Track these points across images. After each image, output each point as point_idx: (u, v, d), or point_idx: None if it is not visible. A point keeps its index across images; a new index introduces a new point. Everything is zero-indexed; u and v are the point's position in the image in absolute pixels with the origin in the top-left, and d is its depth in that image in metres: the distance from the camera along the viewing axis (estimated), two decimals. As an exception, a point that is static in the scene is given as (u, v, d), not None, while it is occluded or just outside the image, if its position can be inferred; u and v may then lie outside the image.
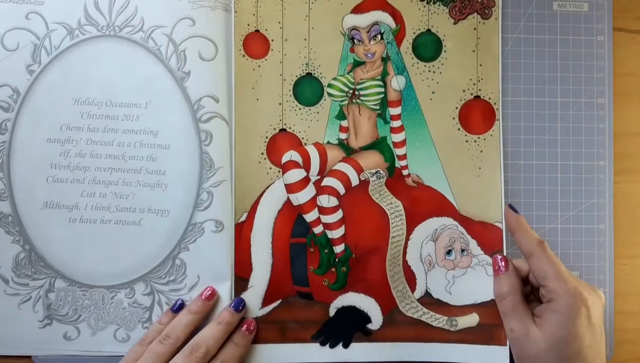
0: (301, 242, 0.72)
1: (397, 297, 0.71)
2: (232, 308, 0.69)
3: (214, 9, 0.71)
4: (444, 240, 0.72)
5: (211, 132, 0.71)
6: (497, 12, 0.73)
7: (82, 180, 0.71)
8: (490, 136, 0.72)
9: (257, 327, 0.70)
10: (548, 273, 0.64)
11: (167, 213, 0.71)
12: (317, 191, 0.72)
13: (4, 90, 0.71)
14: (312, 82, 0.72)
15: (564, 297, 0.63)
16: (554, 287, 0.63)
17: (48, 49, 0.71)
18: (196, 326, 0.68)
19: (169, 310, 0.70)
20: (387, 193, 0.72)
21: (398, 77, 0.73)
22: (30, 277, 0.71)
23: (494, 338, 0.71)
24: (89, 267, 0.71)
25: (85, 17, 0.71)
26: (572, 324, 0.62)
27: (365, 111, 0.73)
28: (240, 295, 0.70)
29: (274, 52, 0.72)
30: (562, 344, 0.62)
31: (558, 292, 0.63)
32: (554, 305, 0.63)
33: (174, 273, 0.71)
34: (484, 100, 0.73)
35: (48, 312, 0.71)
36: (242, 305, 0.70)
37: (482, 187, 0.72)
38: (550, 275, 0.64)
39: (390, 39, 0.73)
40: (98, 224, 0.71)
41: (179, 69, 0.71)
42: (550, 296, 0.64)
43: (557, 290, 0.63)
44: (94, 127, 0.71)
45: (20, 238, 0.71)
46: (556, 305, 0.63)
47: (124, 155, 0.71)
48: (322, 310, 0.72)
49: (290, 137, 0.72)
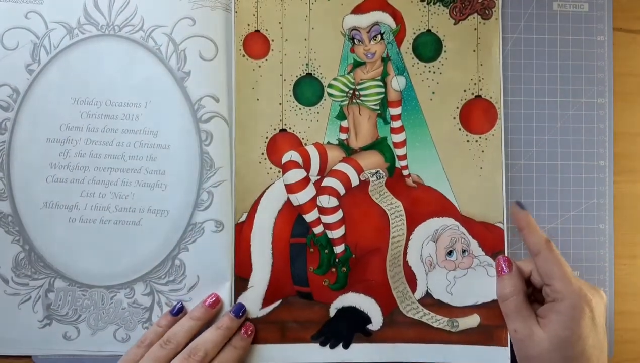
0: (301, 242, 0.72)
1: (397, 297, 0.71)
2: (232, 313, 0.69)
3: (214, 9, 0.71)
4: (444, 241, 0.72)
5: (211, 132, 0.71)
6: (497, 12, 0.73)
7: (82, 180, 0.71)
8: (492, 136, 0.72)
9: (255, 330, 0.70)
10: (555, 274, 0.64)
11: (166, 213, 0.71)
12: (317, 191, 0.72)
13: (4, 90, 0.70)
14: (312, 82, 0.72)
15: (569, 297, 0.63)
16: (560, 287, 0.63)
17: (47, 48, 0.71)
18: (197, 332, 0.68)
19: (168, 312, 0.70)
20: (387, 193, 0.72)
21: (398, 77, 0.72)
22: (30, 277, 0.71)
23: (495, 339, 0.71)
24: (88, 267, 0.71)
25: (85, 16, 0.71)
26: (576, 325, 0.62)
27: (365, 111, 0.73)
28: (241, 295, 0.70)
29: (274, 52, 0.72)
30: (566, 344, 0.62)
31: (563, 292, 0.63)
32: (558, 306, 0.63)
33: (174, 273, 0.71)
34: (486, 100, 0.73)
35: (48, 312, 0.71)
36: (243, 310, 0.69)
37: (484, 187, 0.72)
38: (557, 276, 0.64)
39: (390, 39, 0.72)
40: (97, 224, 0.71)
41: (179, 69, 0.71)
42: (555, 296, 0.64)
43: (563, 290, 0.63)
44: (93, 127, 0.71)
45: (20, 238, 0.71)
46: (561, 306, 0.63)
47: (123, 155, 0.71)
48: (322, 311, 0.71)
49: (291, 137, 0.72)
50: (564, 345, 0.62)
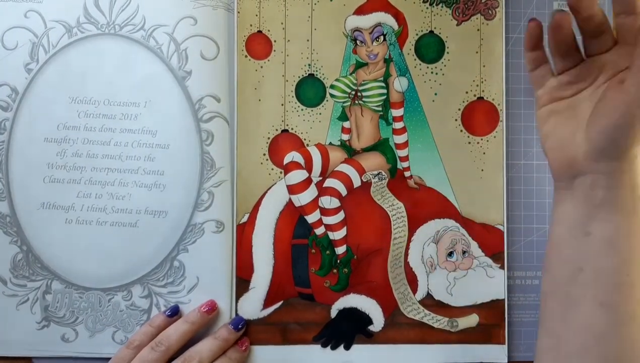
0: (303, 243, 0.72)
1: (398, 298, 0.71)
2: (231, 326, 0.69)
3: (215, 9, 0.71)
4: (445, 242, 0.72)
5: (212, 132, 0.71)
6: (500, 12, 0.73)
7: (79, 181, 0.70)
8: (494, 138, 0.73)
9: (250, 346, 0.70)
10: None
11: (164, 214, 0.71)
12: (319, 192, 0.72)
13: (3, 90, 0.70)
14: (314, 83, 0.72)
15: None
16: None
17: (46, 47, 0.70)
18: (191, 337, 0.67)
19: (161, 313, 0.69)
20: (389, 194, 0.72)
21: (400, 78, 0.72)
22: (28, 278, 0.70)
23: (493, 337, 0.72)
24: (85, 269, 0.71)
25: (85, 15, 0.71)
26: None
27: (367, 112, 0.73)
28: (242, 296, 0.70)
29: (277, 53, 0.72)
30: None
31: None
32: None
33: (172, 275, 0.71)
34: (488, 102, 0.73)
35: (46, 313, 0.70)
36: (242, 324, 0.69)
37: (484, 189, 0.72)
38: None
39: (392, 40, 0.72)
40: (94, 226, 0.70)
41: (180, 68, 0.71)
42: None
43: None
44: (90, 126, 0.70)
45: (18, 239, 0.70)
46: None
47: (120, 155, 0.70)
48: (323, 312, 0.71)
49: (293, 138, 0.72)
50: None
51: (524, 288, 0.73)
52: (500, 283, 0.72)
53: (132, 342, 0.66)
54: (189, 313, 0.69)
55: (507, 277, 0.72)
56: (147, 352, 0.65)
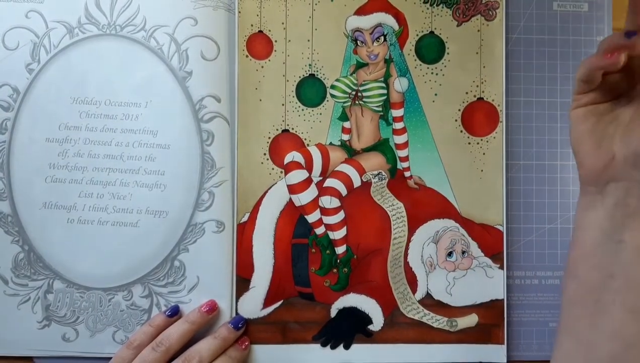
0: (303, 243, 0.72)
1: (398, 298, 0.72)
2: (231, 325, 0.69)
3: (216, 9, 0.71)
4: (445, 242, 0.72)
5: (213, 132, 0.71)
6: (501, 13, 0.73)
7: (80, 181, 0.71)
8: (494, 138, 0.73)
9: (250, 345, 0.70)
10: None
11: (165, 214, 0.71)
12: (319, 192, 0.72)
13: (4, 90, 0.70)
14: (315, 83, 0.72)
15: None
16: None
17: (47, 48, 0.70)
18: (191, 337, 0.68)
19: (161, 312, 0.69)
20: (389, 194, 0.72)
21: (401, 78, 0.72)
22: (29, 277, 0.70)
23: (492, 337, 0.72)
24: (86, 269, 0.71)
25: (86, 15, 0.71)
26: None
27: (367, 113, 0.73)
28: (242, 296, 0.71)
29: (277, 53, 0.72)
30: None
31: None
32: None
33: (173, 275, 0.71)
34: (487, 102, 0.73)
35: (47, 313, 0.70)
36: (242, 323, 0.69)
37: (484, 189, 0.72)
38: None
39: (393, 40, 0.72)
40: (95, 225, 0.71)
41: (180, 69, 0.71)
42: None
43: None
44: (92, 127, 0.70)
45: (20, 239, 0.70)
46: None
47: (121, 155, 0.71)
48: (323, 311, 0.72)
49: (293, 138, 0.72)
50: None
51: (523, 288, 0.73)
52: (499, 284, 0.72)
53: (132, 342, 0.66)
54: (189, 313, 0.69)
55: (507, 277, 0.72)
56: (148, 352, 0.65)
